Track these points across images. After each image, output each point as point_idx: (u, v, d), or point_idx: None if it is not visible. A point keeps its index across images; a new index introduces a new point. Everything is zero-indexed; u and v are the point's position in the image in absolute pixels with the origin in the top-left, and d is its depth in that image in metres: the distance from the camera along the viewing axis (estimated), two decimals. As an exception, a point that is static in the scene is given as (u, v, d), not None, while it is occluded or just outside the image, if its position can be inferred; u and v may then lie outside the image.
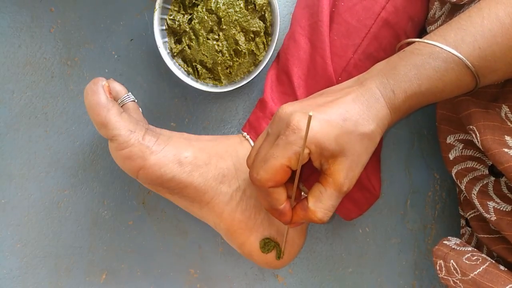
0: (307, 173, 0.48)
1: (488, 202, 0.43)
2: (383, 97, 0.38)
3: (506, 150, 0.39)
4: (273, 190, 0.39)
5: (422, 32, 0.50)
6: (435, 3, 0.46)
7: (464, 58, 0.37)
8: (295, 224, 0.42)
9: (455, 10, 0.44)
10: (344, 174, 0.38)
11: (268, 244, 0.48)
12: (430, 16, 0.47)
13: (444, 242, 0.45)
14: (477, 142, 0.41)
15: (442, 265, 0.43)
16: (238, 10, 0.50)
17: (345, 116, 0.37)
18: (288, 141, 0.37)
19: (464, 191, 0.46)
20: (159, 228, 0.56)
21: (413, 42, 0.40)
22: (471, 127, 0.42)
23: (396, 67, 0.39)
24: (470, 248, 0.43)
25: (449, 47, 0.37)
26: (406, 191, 0.57)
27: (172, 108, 0.57)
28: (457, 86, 0.38)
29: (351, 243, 0.57)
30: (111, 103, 0.45)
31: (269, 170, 0.38)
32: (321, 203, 0.39)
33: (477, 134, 0.41)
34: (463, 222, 0.52)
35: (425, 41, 0.38)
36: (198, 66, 0.52)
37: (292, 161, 0.37)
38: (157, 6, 0.51)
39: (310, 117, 0.34)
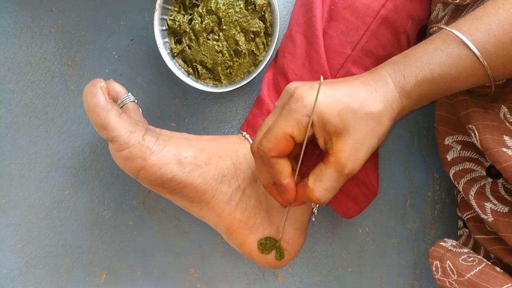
0: (309, 163, 0.48)
1: (485, 203, 0.43)
2: (392, 81, 0.38)
3: (504, 149, 0.39)
4: (277, 161, 0.39)
5: (423, 31, 0.50)
6: (438, 4, 0.46)
7: (469, 43, 0.36)
8: (295, 203, 0.42)
9: (458, 10, 0.44)
10: (346, 154, 0.37)
11: (265, 244, 0.48)
12: (433, 17, 0.47)
13: (440, 243, 0.45)
14: (476, 141, 0.41)
15: (438, 266, 0.43)
16: (238, 10, 0.50)
17: (351, 93, 0.37)
18: (290, 109, 0.37)
19: (462, 192, 0.46)
20: (159, 228, 0.57)
21: (431, 28, 0.39)
22: (470, 126, 0.42)
23: (408, 55, 0.38)
24: (466, 250, 0.43)
25: (461, 34, 0.36)
26: (406, 191, 0.57)
27: (172, 108, 0.57)
28: (472, 74, 0.37)
29: (351, 242, 0.57)
30: (110, 105, 0.45)
31: (271, 139, 0.38)
32: (321, 182, 0.38)
33: (476, 133, 0.41)
34: (460, 223, 0.52)
35: (442, 26, 0.38)
36: (198, 66, 0.52)
37: (294, 130, 0.37)
38: (157, 6, 0.51)
39: (320, 83, 0.34)
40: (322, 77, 0.35)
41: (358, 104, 0.37)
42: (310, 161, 0.48)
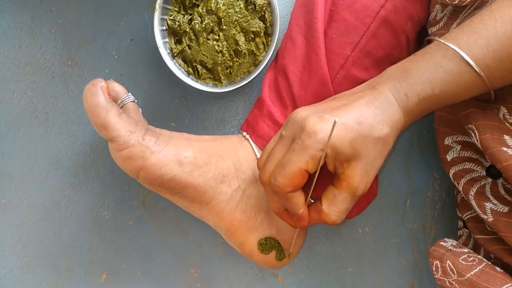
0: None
1: (485, 203, 0.43)
2: (396, 100, 0.38)
3: (505, 149, 0.39)
4: (292, 194, 0.39)
5: (422, 32, 0.50)
6: (436, 6, 0.46)
7: (467, 57, 0.36)
8: (309, 224, 0.42)
9: (457, 11, 0.44)
10: (358, 178, 0.38)
11: (265, 244, 0.48)
12: (432, 18, 0.47)
13: (440, 243, 0.45)
14: (476, 141, 0.41)
15: (439, 265, 0.43)
16: (238, 10, 0.50)
17: (360, 119, 0.37)
18: (304, 145, 0.37)
19: (462, 192, 0.46)
20: (159, 228, 0.57)
21: (428, 40, 0.40)
22: (470, 126, 0.42)
23: (408, 70, 0.39)
24: (466, 249, 0.43)
25: (460, 49, 0.37)
26: (406, 191, 0.57)
27: (172, 108, 0.57)
28: (472, 88, 0.38)
29: (351, 243, 0.57)
30: (110, 104, 0.45)
31: (287, 175, 0.38)
32: (335, 206, 0.39)
33: (476, 133, 0.41)
34: (460, 223, 0.52)
35: (439, 40, 0.38)
36: (198, 66, 0.52)
37: (309, 164, 0.37)
38: (157, 6, 0.51)
39: (335, 122, 0.35)
40: (336, 120, 0.35)
41: (367, 130, 0.37)
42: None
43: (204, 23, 0.50)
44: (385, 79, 0.39)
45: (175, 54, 0.53)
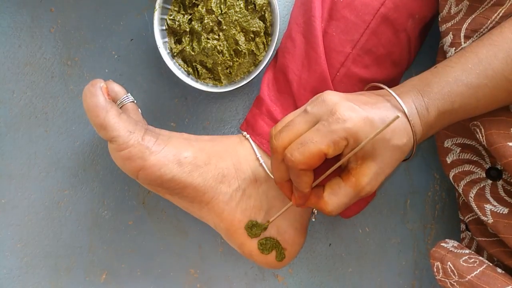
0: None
1: (485, 205, 0.43)
2: (418, 115, 0.38)
3: (510, 144, 0.39)
4: (304, 172, 0.39)
5: (426, 30, 0.50)
6: (449, 0, 0.45)
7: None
8: (303, 206, 0.42)
9: (473, 7, 0.44)
10: (368, 179, 0.38)
11: (265, 244, 0.48)
12: (446, 13, 0.46)
13: (441, 244, 0.45)
14: (481, 137, 0.41)
15: (439, 267, 0.43)
16: (238, 10, 0.50)
17: (385, 121, 0.37)
18: (330, 129, 0.36)
19: (462, 194, 0.46)
20: (159, 228, 0.57)
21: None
22: (475, 122, 0.42)
23: (429, 84, 0.39)
24: (467, 251, 0.43)
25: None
26: (406, 191, 0.57)
27: (172, 108, 0.57)
28: (491, 102, 0.38)
29: (351, 243, 0.57)
30: (109, 105, 0.45)
31: (306, 153, 0.37)
32: (336, 197, 0.39)
33: (482, 128, 0.41)
34: (463, 226, 0.52)
35: (460, 54, 0.39)
36: (198, 66, 0.52)
37: (330, 149, 0.37)
38: (157, 6, 0.51)
39: (397, 116, 0.34)
40: (399, 115, 0.35)
41: (390, 134, 0.37)
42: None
43: (204, 23, 0.50)
44: (407, 89, 0.40)
45: (175, 54, 0.53)
